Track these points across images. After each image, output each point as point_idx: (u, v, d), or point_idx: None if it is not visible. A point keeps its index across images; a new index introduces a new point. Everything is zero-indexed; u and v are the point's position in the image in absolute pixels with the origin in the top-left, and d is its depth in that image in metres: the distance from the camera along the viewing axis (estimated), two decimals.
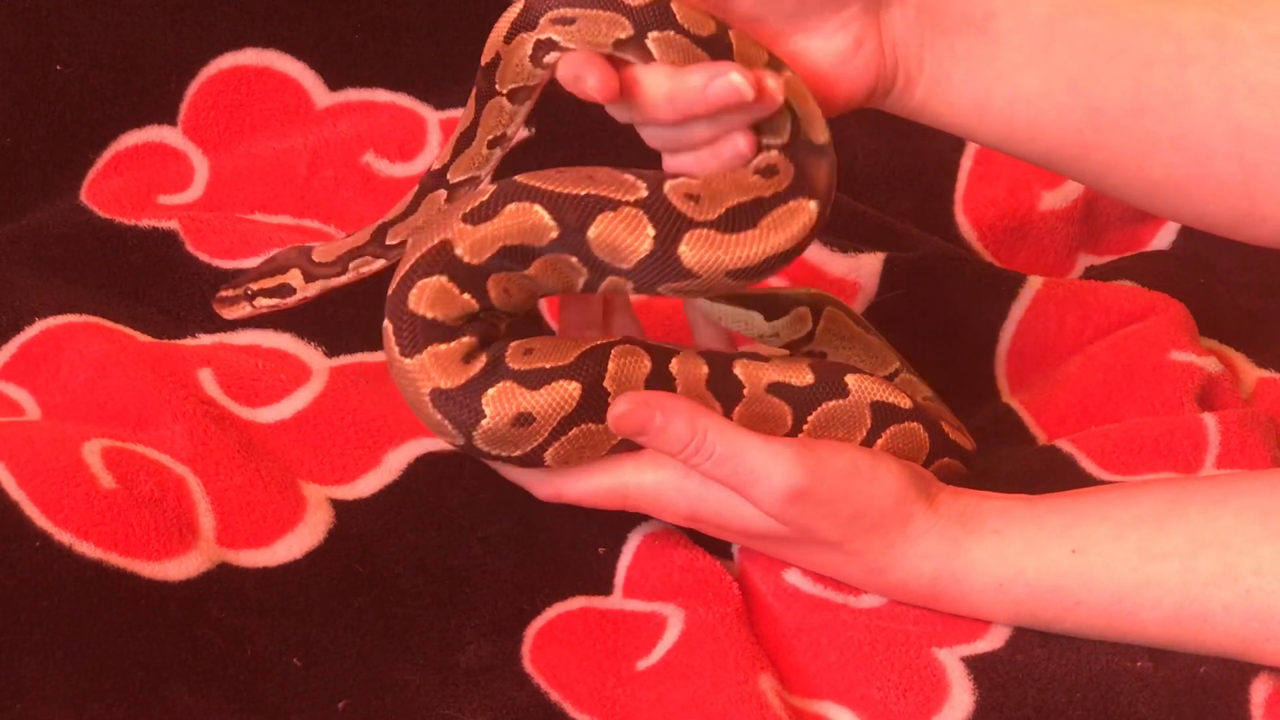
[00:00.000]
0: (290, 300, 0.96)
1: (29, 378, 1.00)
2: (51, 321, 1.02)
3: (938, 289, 1.13)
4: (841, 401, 0.91)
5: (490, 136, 0.92)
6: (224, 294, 0.96)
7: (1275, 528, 0.85)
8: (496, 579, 0.92)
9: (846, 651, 0.88)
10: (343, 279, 0.96)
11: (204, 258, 1.09)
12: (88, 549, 0.85)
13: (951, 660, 0.87)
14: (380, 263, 0.95)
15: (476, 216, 0.85)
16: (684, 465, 0.87)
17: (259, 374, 1.00)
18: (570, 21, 0.87)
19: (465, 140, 0.92)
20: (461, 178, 0.93)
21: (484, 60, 0.91)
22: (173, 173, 1.16)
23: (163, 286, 1.08)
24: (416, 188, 0.94)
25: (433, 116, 1.20)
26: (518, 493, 0.97)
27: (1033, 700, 0.85)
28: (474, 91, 0.92)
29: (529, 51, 0.89)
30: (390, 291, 0.87)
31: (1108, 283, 1.14)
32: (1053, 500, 0.89)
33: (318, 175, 1.17)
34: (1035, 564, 0.87)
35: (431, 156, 1.18)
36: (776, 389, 0.90)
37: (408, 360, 0.87)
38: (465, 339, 0.87)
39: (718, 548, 0.96)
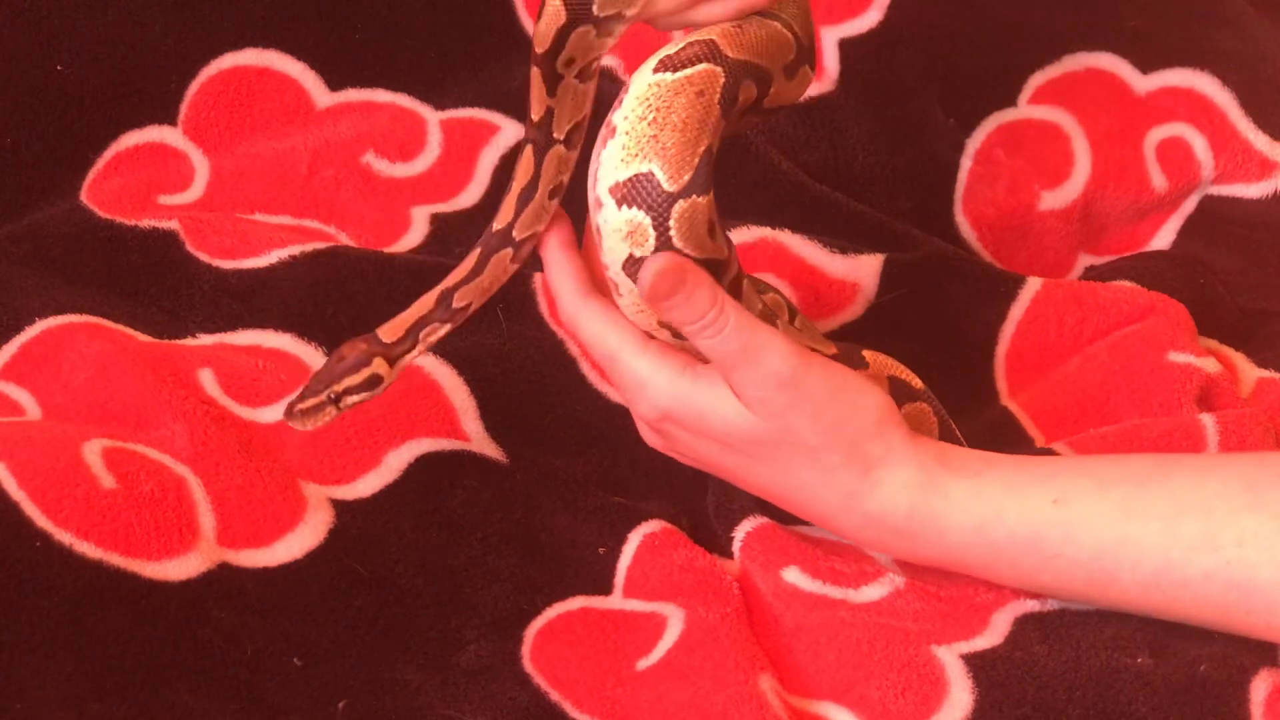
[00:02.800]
0: (379, 390, 0.91)
1: (29, 378, 1.00)
2: (52, 321, 1.02)
3: (937, 290, 1.13)
4: (864, 372, 0.93)
5: (550, 187, 0.91)
6: (301, 406, 0.90)
7: (1259, 499, 0.84)
8: (496, 579, 0.92)
9: (845, 651, 0.88)
10: (415, 352, 0.92)
11: (204, 258, 1.09)
12: (88, 549, 0.86)
13: (950, 658, 0.87)
14: (447, 327, 0.93)
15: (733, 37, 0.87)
16: (682, 362, 0.88)
17: (259, 374, 1.00)
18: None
19: (527, 196, 0.91)
20: (526, 234, 0.92)
21: (535, 116, 0.90)
22: (173, 173, 1.16)
23: (163, 286, 1.08)
24: (478, 250, 0.92)
25: (433, 116, 1.20)
26: (518, 493, 0.97)
27: (1032, 698, 0.84)
28: (529, 148, 0.91)
29: (578, 77, 0.90)
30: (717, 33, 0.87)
31: (1107, 283, 1.15)
32: (1034, 456, 0.90)
33: (318, 175, 1.17)
34: (1016, 509, 0.87)
35: (432, 157, 1.18)
36: (842, 349, 0.92)
37: (719, 111, 0.86)
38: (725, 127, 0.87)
39: (718, 547, 0.96)
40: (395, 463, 0.97)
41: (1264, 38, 1.26)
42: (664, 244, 0.85)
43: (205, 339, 1.05)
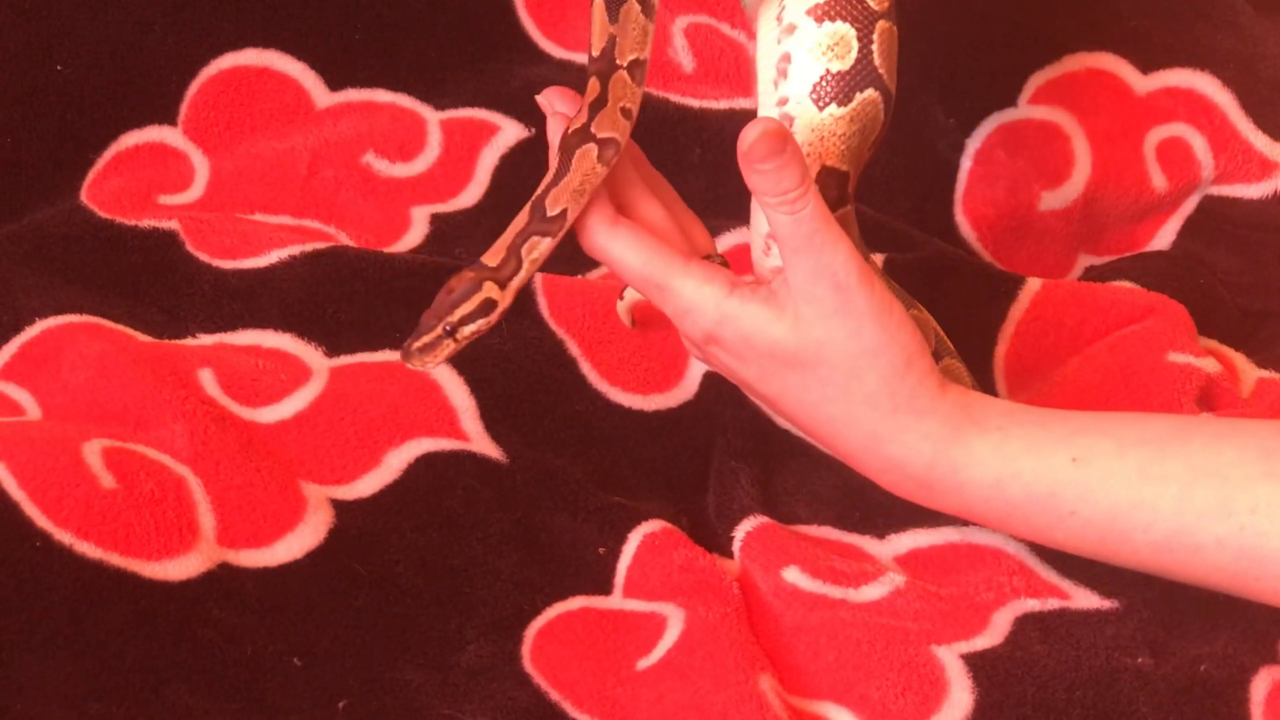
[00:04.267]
0: (494, 315, 0.88)
1: (29, 378, 1.00)
2: (52, 321, 1.02)
3: (937, 290, 1.13)
4: (919, 314, 0.97)
5: (621, 105, 0.90)
6: (418, 345, 0.87)
7: (1274, 467, 0.85)
8: (496, 579, 0.92)
9: (845, 651, 0.88)
10: (523, 274, 0.89)
11: (204, 258, 1.09)
12: (88, 549, 0.86)
13: (950, 658, 0.87)
14: (548, 241, 0.89)
15: None
16: (727, 282, 0.88)
17: (259, 374, 1.00)
18: None
19: (599, 105, 0.90)
20: (606, 135, 0.89)
21: (596, 51, 0.90)
22: (173, 173, 1.16)
23: (163, 286, 1.08)
24: (559, 155, 0.89)
25: (433, 116, 1.20)
26: (518, 493, 0.97)
27: (1032, 698, 0.85)
28: (593, 79, 0.90)
29: (640, 3, 0.90)
30: None
31: (1106, 284, 1.15)
32: (1058, 410, 0.90)
33: (318, 175, 1.17)
34: (1034, 466, 0.87)
35: (432, 157, 1.18)
36: (888, 281, 0.95)
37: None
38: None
39: (718, 547, 0.96)
40: (395, 463, 0.97)
41: (1264, 38, 1.26)
42: (865, 57, 0.91)
43: (205, 339, 1.05)
